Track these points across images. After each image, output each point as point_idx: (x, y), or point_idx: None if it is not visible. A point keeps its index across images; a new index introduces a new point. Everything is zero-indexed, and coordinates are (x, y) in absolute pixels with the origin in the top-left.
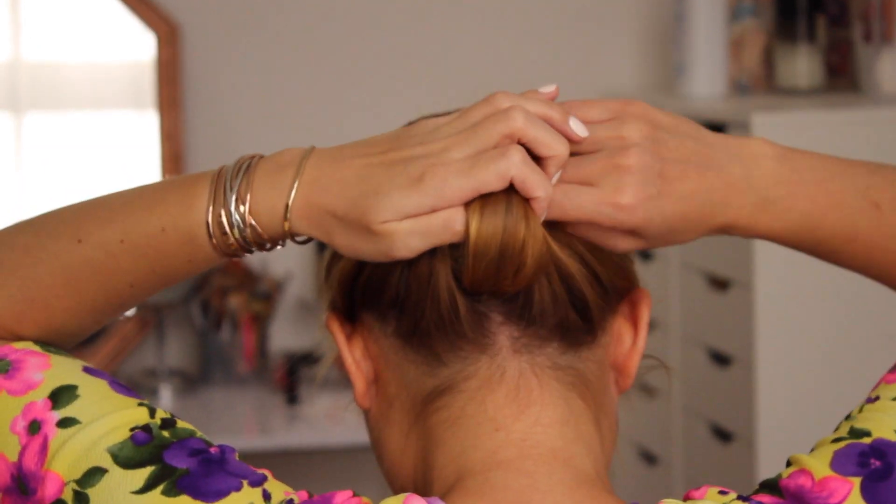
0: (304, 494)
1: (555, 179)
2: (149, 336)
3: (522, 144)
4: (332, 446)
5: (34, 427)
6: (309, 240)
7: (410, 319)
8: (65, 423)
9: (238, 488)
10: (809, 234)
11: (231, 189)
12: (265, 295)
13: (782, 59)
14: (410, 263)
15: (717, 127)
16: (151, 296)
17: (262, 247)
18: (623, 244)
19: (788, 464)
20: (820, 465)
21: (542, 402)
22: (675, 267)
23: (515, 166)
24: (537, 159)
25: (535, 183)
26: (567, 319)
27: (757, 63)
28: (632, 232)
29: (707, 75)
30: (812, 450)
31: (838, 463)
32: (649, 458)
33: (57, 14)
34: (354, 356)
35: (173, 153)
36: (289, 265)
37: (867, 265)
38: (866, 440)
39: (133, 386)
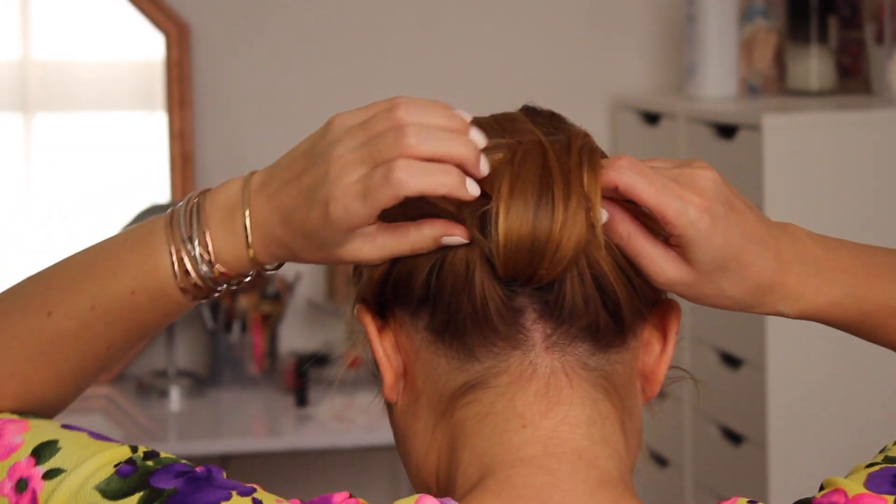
0: (296, 502)
1: (604, 217)
2: (158, 337)
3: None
4: (341, 447)
5: (21, 485)
6: (281, 265)
7: (444, 314)
8: (50, 474)
9: (227, 498)
10: (856, 307)
11: (191, 242)
12: (275, 296)
13: (793, 60)
14: (443, 259)
15: (728, 128)
16: (129, 352)
17: (235, 284)
18: (669, 270)
19: (822, 487)
20: (854, 485)
21: (571, 401)
22: None
23: (406, 186)
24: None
25: (435, 185)
26: (598, 319)
27: (768, 64)
28: (684, 254)
29: (718, 77)
30: (847, 475)
31: (872, 483)
32: (660, 461)
33: (66, 14)
34: (385, 349)
35: (183, 153)
36: (298, 266)
37: None
38: None
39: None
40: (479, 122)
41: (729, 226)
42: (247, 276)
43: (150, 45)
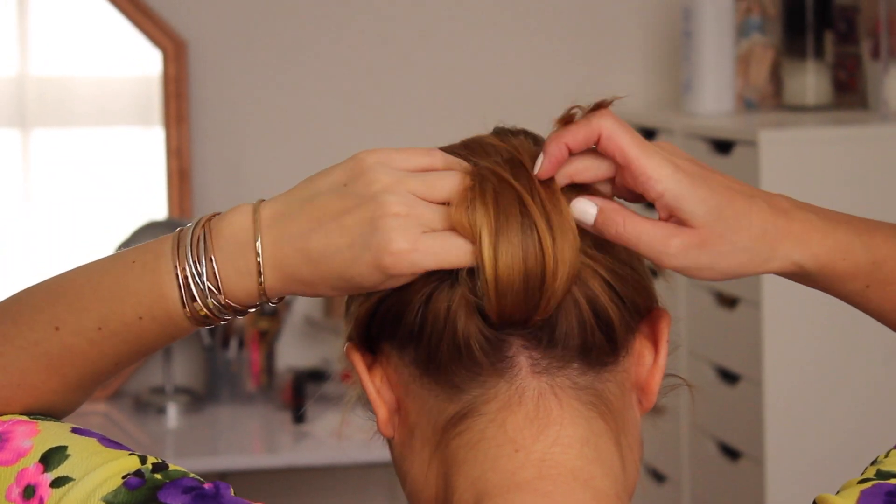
0: None
1: (593, 210)
2: (155, 354)
3: None
4: (339, 464)
5: (29, 492)
6: (283, 298)
7: (426, 351)
8: (58, 482)
9: None
10: (865, 253)
11: (198, 273)
12: (272, 313)
13: (790, 75)
14: (429, 298)
15: (724, 144)
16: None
17: (243, 314)
18: (677, 240)
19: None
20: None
21: (562, 421)
22: (682, 284)
23: (398, 247)
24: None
25: (419, 222)
26: (592, 340)
27: (764, 80)
28: (678, 217)
29: (714, 92)
30: (838, 492)
31: (865, 501)
32: (657, 477)
33: (64, 30)
34: (376, 385)
35: (180, 169)
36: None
37: None
38: (893, 481)
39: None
40: (448, 150)
41: (707, 178)
42: (253, 307)
43: (148, 61)
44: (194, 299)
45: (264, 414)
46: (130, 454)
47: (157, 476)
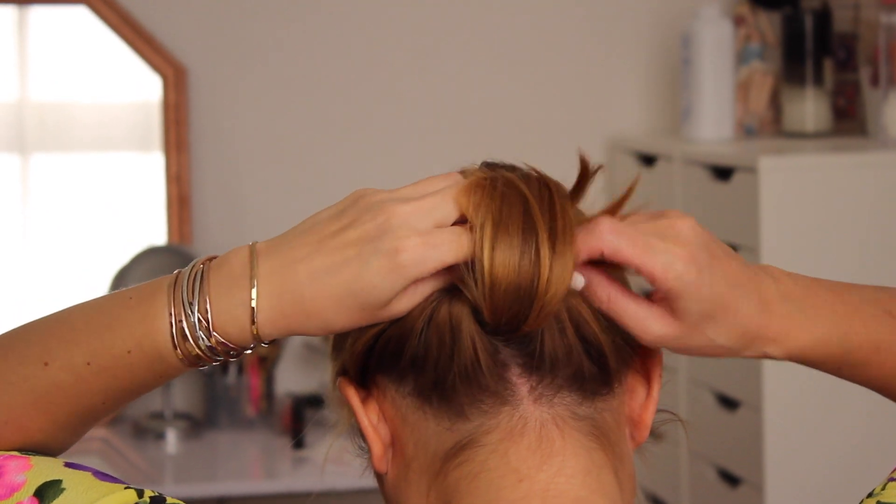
0: None
1: (580, 282)
2: None
3: None
4: (338, 490)
5: None
6: (275, 340)
7: (432, 374)
8: None
9: None
10: (839, 344)
11: (190, 306)
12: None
13: (789, 102)
14: (430, 317)
15: (724, 170)
16: (125, 405)
17: (232, 356)
18: (656, 326)
19: None
20: None
21: (565, 452)
22: None
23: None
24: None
25: (429, 218)
26: (583, 368)
27: (764, 106)
28: (670, 307)
29: (714, 119)
30: None
31: None
32: (657, 503)
33: (64, 55)
34: (371, 420)
35: (180, 195)
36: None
37: (893, 375)
38: None
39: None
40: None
41: (714, 274)
42: (247, 349)
43: (148, 87)
44: (184, 333)
45: (263, 439)
46: (126, 488)
47: None
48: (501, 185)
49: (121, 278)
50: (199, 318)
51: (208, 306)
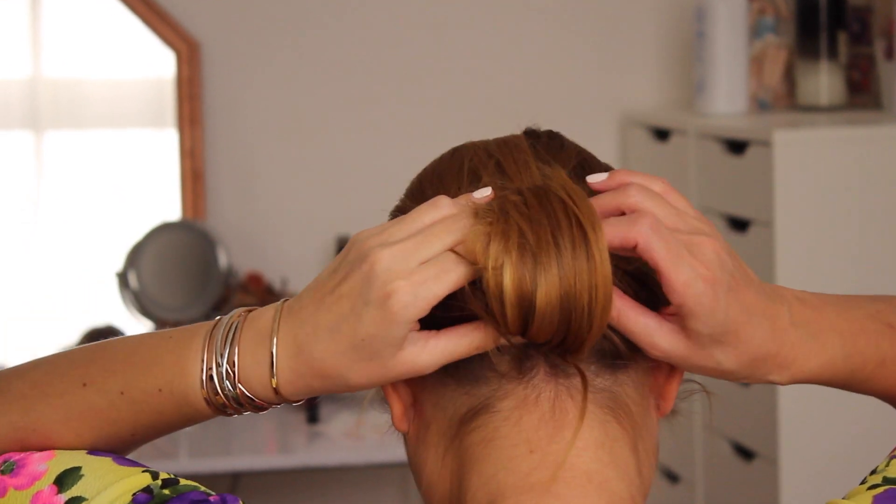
0: None
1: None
2: None
3: None
4: (352, 465)
5: None
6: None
7: None
8: (71, 503)
9: None
10: (845, 364)
11: (222, 356)
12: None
13: (803, 75)
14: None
15: (738, 144)
16: (152, 440)
17: (258, 409)
18: (664, 343)
19: None
20: None
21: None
22: None
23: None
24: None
25: (415, 257)
26: (609, 343)
27: (778, 80)
28: (681, 324)
29: (728, 92)
30: (845, 497)
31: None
32: (671, 477)
33: (77, 31)
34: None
35: (193, 170)
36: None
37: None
38: None
39: None
40: (473, 168)
41: (731, 301)
42: (275, 405)
43: (161, 62)
44: (212, 380)
45: (278, 414)
46: (144, 471)
47: (165, 491)
48: (500, 212)
49: (135, 254)
50: (227, 370)
51: (236, 359)
